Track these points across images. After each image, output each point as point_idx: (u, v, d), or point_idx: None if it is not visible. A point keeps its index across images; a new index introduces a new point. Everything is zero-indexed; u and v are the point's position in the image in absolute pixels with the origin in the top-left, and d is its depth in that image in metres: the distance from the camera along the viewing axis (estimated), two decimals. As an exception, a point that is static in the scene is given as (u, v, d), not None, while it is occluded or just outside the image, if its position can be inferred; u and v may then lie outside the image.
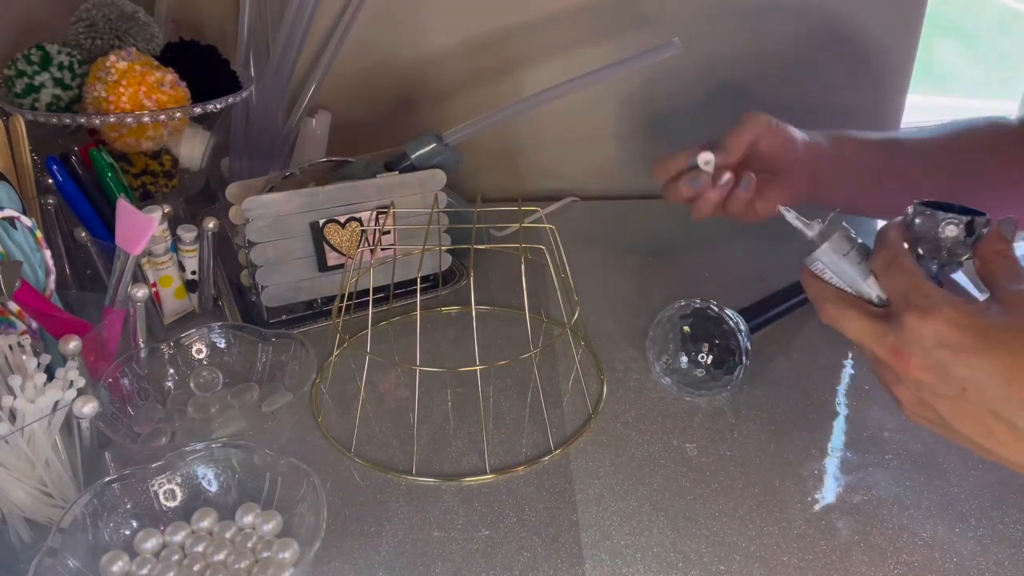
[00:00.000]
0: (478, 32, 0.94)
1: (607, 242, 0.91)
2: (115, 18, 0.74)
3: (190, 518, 0.49)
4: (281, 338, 0.62)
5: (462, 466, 0.56)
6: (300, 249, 0.70)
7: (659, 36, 0.71)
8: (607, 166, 1.04)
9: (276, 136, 0.90)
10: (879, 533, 0.50)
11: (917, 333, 0.39)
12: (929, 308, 0.39)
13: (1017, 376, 0.37)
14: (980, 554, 0.48)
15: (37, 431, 0.46)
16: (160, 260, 0.69)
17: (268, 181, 0.73)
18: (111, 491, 0.47)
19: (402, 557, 0.49)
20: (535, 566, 0.48)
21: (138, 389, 0.59)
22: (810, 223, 0.46)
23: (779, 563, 0.48)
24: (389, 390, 0.65)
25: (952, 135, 0.73)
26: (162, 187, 0.78)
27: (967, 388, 0.39)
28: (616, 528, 0.50)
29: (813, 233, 0.46)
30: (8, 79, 0.71)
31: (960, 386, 0.39)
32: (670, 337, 0.61)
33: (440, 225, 0.73)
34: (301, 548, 0.46)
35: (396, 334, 0.72)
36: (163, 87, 0.69)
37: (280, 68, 0.84)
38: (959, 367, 0.38)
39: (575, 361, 0.65)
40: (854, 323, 0.44)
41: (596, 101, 0.99)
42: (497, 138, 1.00)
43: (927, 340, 0.39)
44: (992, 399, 0.38)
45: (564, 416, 0.61)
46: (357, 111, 0.97)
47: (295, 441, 0.59)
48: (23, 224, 0.56)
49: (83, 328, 0.53)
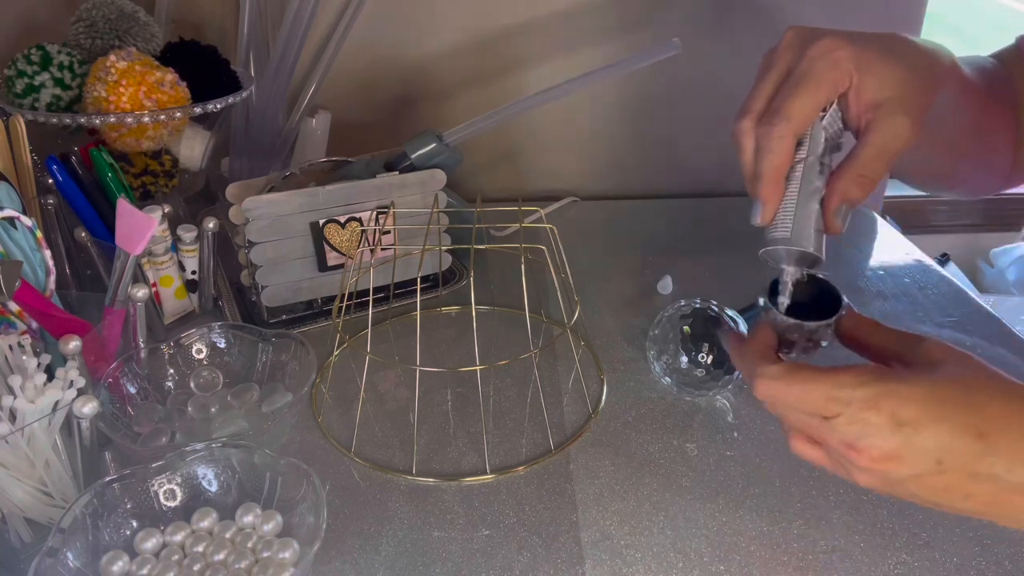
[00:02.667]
0: (478, 32, 0.94)
1: (607, 242, 0.91)
2: (115, 18, 0.74)
3: (190, 518, 0.49)
4: (281, 338, 0.62)
5: (462, 466, 0.56)
6: (300, 249, 0.70)
7: (659, 36, 0.71)
8: (607, 166, 1.04)
9: (276, 136, 0.90)
10: (879, 533, 0.50)
11: (873, 424, 0.37)
12: (875, 397, 0.37)
13: (988, 428, 0.36)
14: (980, 554, 0.48)
15: (37, 431, 0.46)
16: (160, 260, 0.69)
17: (268, 181, 0.73)
18: (111, 491, 0.47)
19: (402, 557, 0.49)
20: (535, 566, 0.48)
21: (138, 389, 0.59)
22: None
23: (779, 563, 0.48)
24: (389, 390, 0.65)
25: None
26: (162, 187, 0.78)
27: (942, 459, 0.37)
28: (616, 528, 0.50)
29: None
30: (8, 79, 0.71)
31: (934, 459, 0.37)
32: (670, 337, 0.61)
33: (440, 225, 0.73)
34: (301, 548, 0.46)
35: (396, 334, 0.72)
36: (163, 87, 0.69)
37: (280, 68, 0.84)
38: (928, 440, 0.37)
39: (575, 361, 0.65)
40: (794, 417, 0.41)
41: (596, 101, 0.99)
42: (497, 138, 1.00)
43: (887, 427, 0.37)
44: (970, 461, 0.36)
45: (564, 416, 0.61)
46: (357, 111, 0.97)
47: (295, 441, 0.59)
48: (23, 224, 0.56)
49: (83, 328, 0.53)
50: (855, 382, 0.38)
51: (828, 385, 0.39)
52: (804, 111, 0.44)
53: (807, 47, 0.45)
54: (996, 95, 0.58)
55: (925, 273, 0.83)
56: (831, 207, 0.44)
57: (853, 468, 0.39)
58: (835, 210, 0.44)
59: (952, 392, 0.37)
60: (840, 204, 0.44)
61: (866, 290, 0.79)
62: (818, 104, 0.44)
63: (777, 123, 0.44)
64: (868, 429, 0.37)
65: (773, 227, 0.45)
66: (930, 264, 0.85)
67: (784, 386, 0.40)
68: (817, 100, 0.44)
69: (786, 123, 0.44)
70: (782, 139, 0.44)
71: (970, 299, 0.77)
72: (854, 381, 0.38)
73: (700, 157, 1.02)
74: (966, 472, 0.37)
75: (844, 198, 0.44)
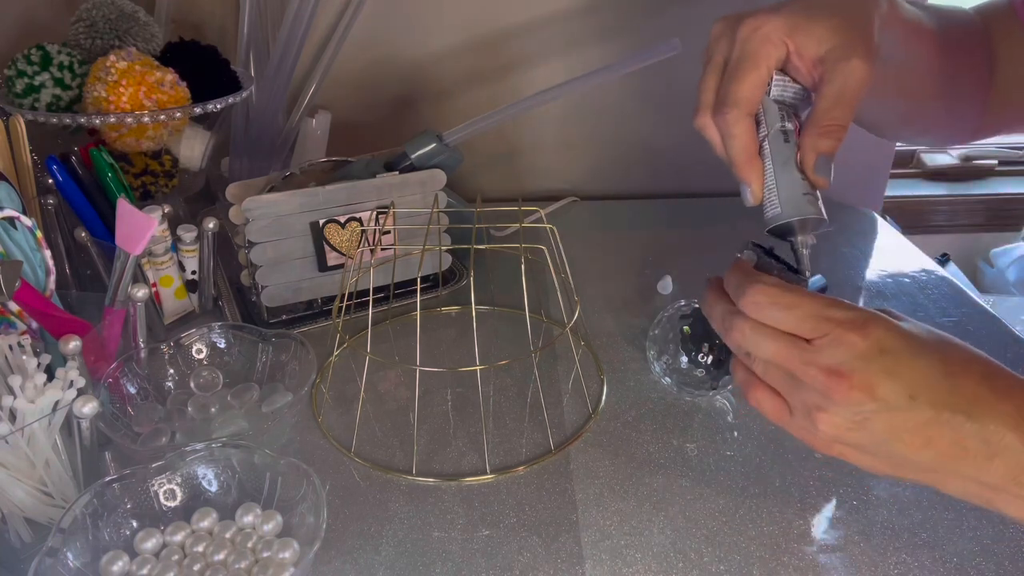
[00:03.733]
0: (478, 32, 0.94)
1: (607, 242, 0.91)
2: (115, 18, 0.74)
3: (190, 518, 0.49)
4: (281, 338, 0.62)
5: (462, 466, 0.56)
6: (300, 249, 0.70)
7: (659, 36, 0.71)
8: (607, 166, 1.04)
9: (276, 136, 0.90)
10: (879, 533, 0.50)
11: (859, 347, 0.38)
12: (864, 320, 0.39)
13: (956, 370, 0.38)
14: (980, 554, 0.49)
15: (37, 431, 0.46)
16: (160, 260, 0.69)
17: (268, 181, 0.73)
18: (111, 491, 0.47)
19: (402, 557, 0.49)
20: (535, 566, 0.48)
21: (138, 389, 0.59)
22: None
23: (779, 563, 0.48)
24: (389, 390, 0.65)
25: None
26: (162, 187, 0.78)
27: (915, 395, 0.38)
28: (616, 528, 0.50)
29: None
30: (8, 79, 0.71)
31: (907, 394, 0.38)
32: (670, 337, 0.61)
33: (440, 225, 0.73)
34: (301, 548, 0.46)
35: (396, 334, 0.72)
36: (163, 87, 0.69)
37: (280, 68, 0.84)
38: (906, 371, 0.38)
39: (575, 361, 0.65)
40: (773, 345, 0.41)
41: (596, 101, 0.99)
42: (497, 138, 1.00)
43: (870, 352, 0.38)
44: (938, 398, 0.38)
45: (564, 416, 0.61)
46: (357, 111, 0.97)
47: (295, 441, 0.59)
48: (23, 224, 0.56)
49: (83, 328, 0.53)
50: (846, 306, 0.40)
51: (819, 304, 0.40)
52: (748, 91, 0.46)
53: (736, 31, 0.47)
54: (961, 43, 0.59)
55: (925, 273, 0.83)
56: (809, 164, 0.45)
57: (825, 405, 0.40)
58: (813, 166, 0.45)
59: (929, 335, 0.40)
60: (816, 158, 0.45)
61: (866, 290, 0.79)
62: (760, 81, 0.46)
63: (727, 110, 0.46)
64: (854, 351, 0.39)
65: (765, 207, 0.47)
66: (930, 264, 0.85)
67: (778, 290, 0.41)
68: (758, 77, 0.46)
69: (735, 108, 0.46)
70: (737, 122, 0.46)
71: (970, 299, 0.77)
72: (845, 305, 0.40)
73: (700, 157, 1.02)
74: (933, 411, 0.38)
75: (818, 151, 0.45)
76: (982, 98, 0.63)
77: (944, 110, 0.62)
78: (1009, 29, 0.61)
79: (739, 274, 0.44)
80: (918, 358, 0.39)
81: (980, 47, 0.62)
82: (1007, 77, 0.62)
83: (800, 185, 0.46)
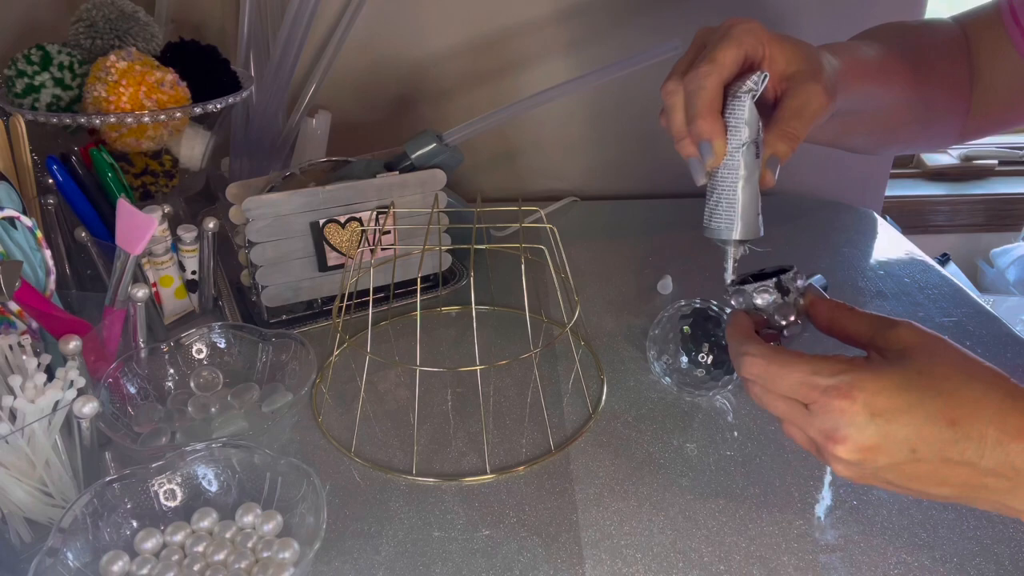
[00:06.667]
0: (478, 32, 0.94)
1: (607, 242, 0.91)
2: (115, 18, 0.74)
3: (190, 518, 0.49)
4: (281, 338, 0.62)
5: (462, 466, 0.56)
6: (300, 249, 0.70)
7: (659, 36, 0.71)
8: (607, 166, 1.04)
9: (276, 136, 0.91)
10: (879, 533, 0.50)
11: (848, 414, 0.38)
12: (848, 385, 0.39)
13: (959, 415, 0.37)
14: (980, 554, 0.48)
15: (37, 431, 0.46)
16: (160, 260, 0.69)
17: (268, 181, 0.73)
18: (111, 491, 0.47)
19: (402, 557, 0.49)
20: (535, 566, 0.48)
21: (138, 389, 0.59)
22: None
23: (779, 563, 0.48)
24: (389, 390, 0.65)
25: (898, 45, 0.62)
26: (162, 187, 0.78)
27: (916, 448, 0.38)
28: (616, 528, 0.50)
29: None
30: (8, 79, 0.71)
31: (909, 448, 0.38)
32: (670, 337, 0.61)
33: (440, 225, 0.73)
34: (301, 548, 0.46)
35: (396, 334, 0.72)
36: (163, 87, 0.69)
37: (280, 68, 0.84)
38: (902, 429, 0.38)
39: (575, 361, 0.65)
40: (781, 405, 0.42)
41: (596, 101, 0.99)
42: (497, 138, 1.00)
43: (860, 417, 0.38)
44: (943, 447, 0.37)
45: (564, 416, 0.61)
46: (357, 111, 0.97)
47: (295, 441, 0.59)
48: (23, 224, 0.56)
49: (83, 328, 0.53)
50: (830, 370, 0.40)
51: (805, 370, 0.40)
52: (727, 58, 0.46)
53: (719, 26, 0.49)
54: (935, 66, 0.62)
55: (925, 273, 0.83)
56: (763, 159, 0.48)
57: (831, 457, 0.40)
58: (766, 161, 0.47)
59: (923, 380, 0.38)
60: (770, 157, 0.47)
61: (866, 290, 0.79)
62: (739, 55, 0.47)
63: (702, 66, 0.46)
64: (844, 418, 0.39)
65: (716, 216, 0.49)
66: (930, 264, 0.85)
67: (765, 364, 0.42)
68: (739, 51, 0.47)
69: (711, 64, 0.46)
70: (709, 76, 0.46)
71: (970, 299, 0.77)
72: (829, 369, 0.40)
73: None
74: (940, 459, 0.38)
75: (773, 151, 0.47)
76: (962, 109, 0.64)
77: (921, 129, 0.64)
78: (992, 35, 0.62)
79: (733, 341, 0.46)
80: (913, 412, 0.38)
81: (959, 60, 0.63)
82: (988, 82, 0.63)
83: (758, 202, 0.48)
